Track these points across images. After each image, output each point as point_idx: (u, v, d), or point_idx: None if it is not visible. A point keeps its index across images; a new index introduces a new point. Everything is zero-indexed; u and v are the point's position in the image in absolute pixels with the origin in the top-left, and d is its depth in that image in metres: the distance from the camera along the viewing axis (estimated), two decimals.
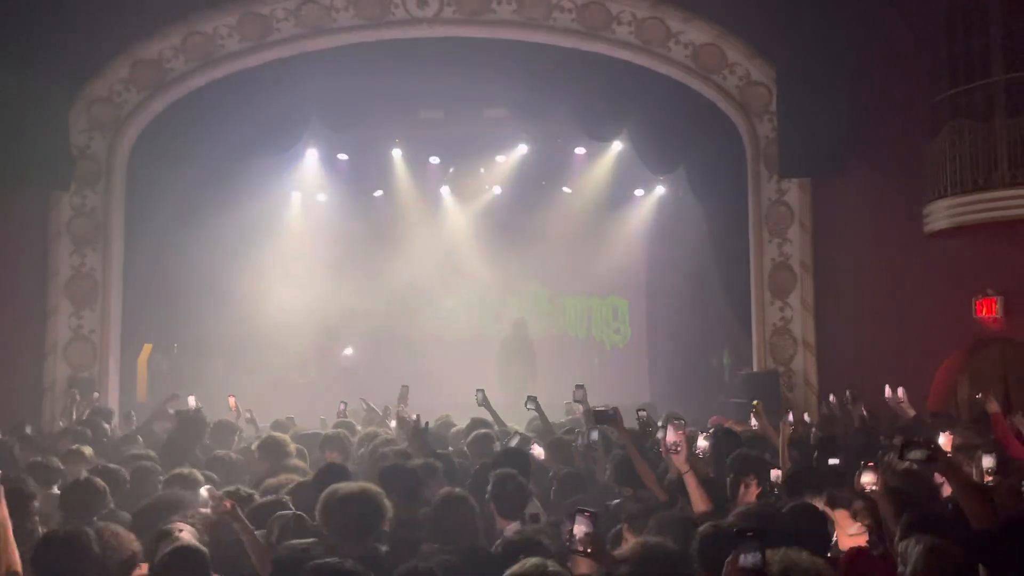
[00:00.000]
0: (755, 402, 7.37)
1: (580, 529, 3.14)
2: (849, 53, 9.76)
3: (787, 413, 7.03)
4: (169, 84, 10.90)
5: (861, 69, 9.82)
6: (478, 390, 7.38)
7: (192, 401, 8.08)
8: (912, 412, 7.25)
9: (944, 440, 5.27)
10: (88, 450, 6.04)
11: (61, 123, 10.31)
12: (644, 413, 6.62)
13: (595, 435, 5.67)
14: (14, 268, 10.40)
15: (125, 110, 10.88)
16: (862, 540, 3.65)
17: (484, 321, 15.09)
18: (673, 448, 4.30)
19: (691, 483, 4.29)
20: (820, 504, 4.09)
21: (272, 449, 5.82)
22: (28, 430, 7.24)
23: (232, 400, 8.54)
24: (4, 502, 3.48)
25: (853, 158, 9.89)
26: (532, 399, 6.98)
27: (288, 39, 10.88)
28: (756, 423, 6.97)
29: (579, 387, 6.80)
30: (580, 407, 7.12)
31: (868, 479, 4.08)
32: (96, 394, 8.54)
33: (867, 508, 3.75)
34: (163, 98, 10.97)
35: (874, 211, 10.09)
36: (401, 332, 14.88)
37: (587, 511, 3.20)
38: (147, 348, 11.56)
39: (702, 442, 5.30)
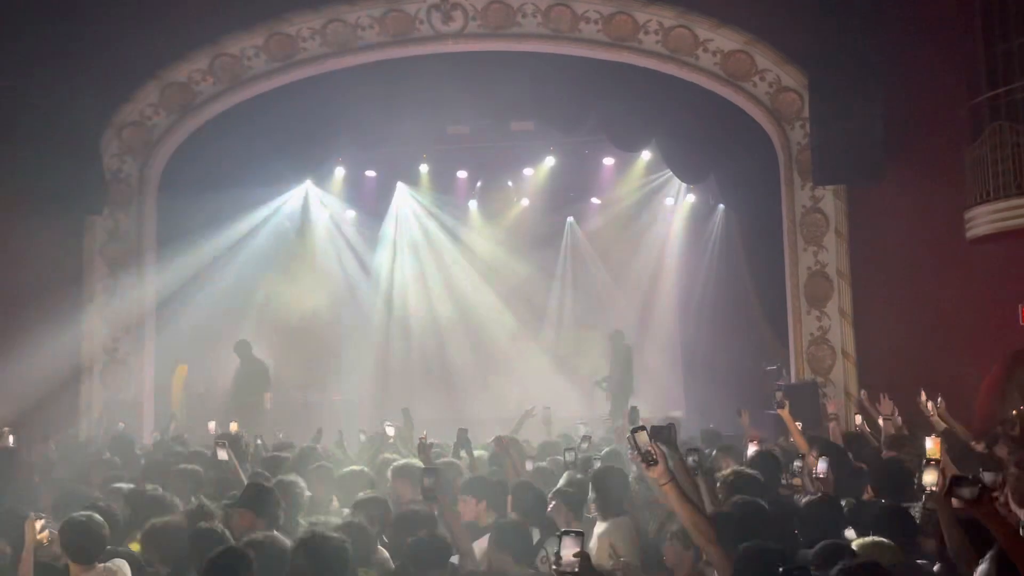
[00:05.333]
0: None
1: (568, 551, 3.05)
2: (883, 57, 9.54)
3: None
4: (198, 106, 10.99)
5: (896, 73, 9.60)
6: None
7: (212, 426, 8.07)
8: (943, 425, 6.98)
9: (931, 445, 4.84)
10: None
11: (94, 148, 10.44)
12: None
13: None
14: (50, 292, 10.48)
15: (156, 133, 10.99)
16: None
17: (514, 334, 14.96)
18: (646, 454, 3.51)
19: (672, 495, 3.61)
20: None
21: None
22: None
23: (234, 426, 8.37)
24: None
25: (890, 164, 9.65)
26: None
27: (315, 58, 10.92)
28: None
29: (633, 408, 6.70)
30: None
31: (929, 479, 3.71)
32: (121, 424, 8.54)
33: None
34: (193, 120, 11.07)
35: (913, 217, 9.84)
36: (433, 347, 14.85)
37: (573, 532, 3.11)
38: (182, 369, 11.61)
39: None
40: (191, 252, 11.03)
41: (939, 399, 7.26)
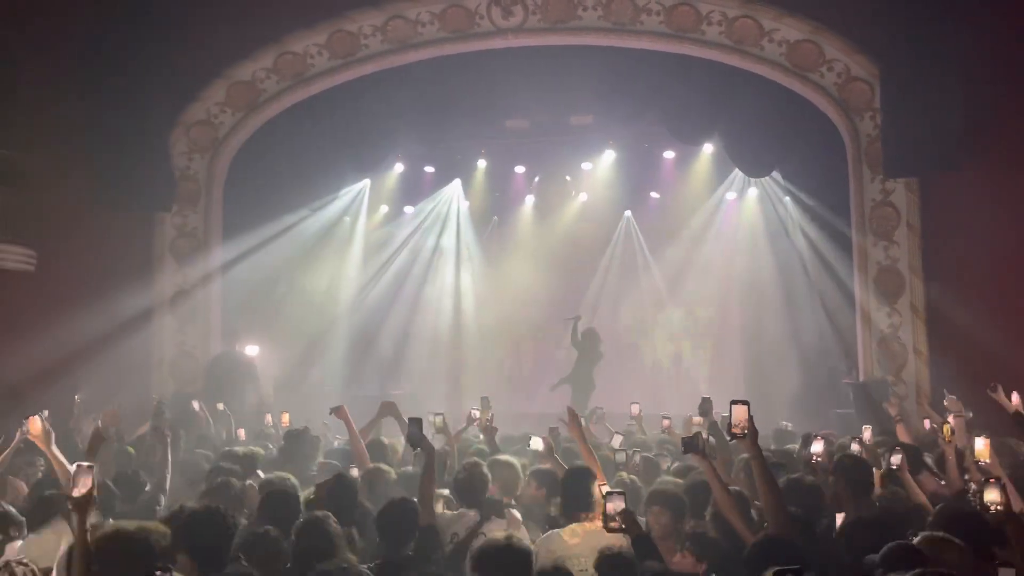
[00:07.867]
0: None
1: (612, 507, 3.59)
2: (959, 43, 9.17)
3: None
4: (263, 104, 11.19)
5: (973, 60, 9.21)
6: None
7: (286, 418, 8.21)
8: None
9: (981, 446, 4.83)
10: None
11: (163, 147, 10.73)
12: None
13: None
14: (121, 287, 10.75)
15: (222, 131, 11.22)
16: None
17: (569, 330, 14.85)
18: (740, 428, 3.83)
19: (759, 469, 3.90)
20: None
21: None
22: None
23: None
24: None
25: (965, 155, 9.30)
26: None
27: (375, 55, 11.01)
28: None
29: (705, 399, 6.63)
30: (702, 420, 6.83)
31: (992, 497, 3.70)
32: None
33: None
34: (257, 118, 11.27)
35: (991, 210, 9.42)
36: (487, 344, 14.88)
37: (616, 491, 3.70)
38: None
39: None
40: (256, 248, 11.24)
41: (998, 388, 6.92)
